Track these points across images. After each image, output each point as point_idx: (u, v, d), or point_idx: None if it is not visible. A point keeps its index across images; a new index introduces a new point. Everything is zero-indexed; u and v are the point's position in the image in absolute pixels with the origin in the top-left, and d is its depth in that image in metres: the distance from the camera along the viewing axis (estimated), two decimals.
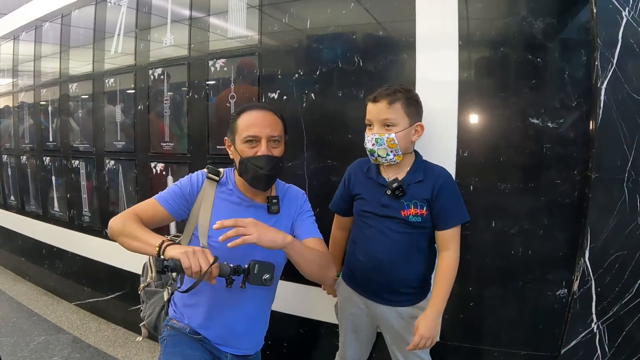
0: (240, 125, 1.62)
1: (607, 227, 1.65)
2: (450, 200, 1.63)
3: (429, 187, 1.62)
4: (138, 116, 2.96)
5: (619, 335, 1.70)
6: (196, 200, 1.67)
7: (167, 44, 2.76)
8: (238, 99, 2.41)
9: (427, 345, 1.57)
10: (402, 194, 1.62)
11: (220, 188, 1.70)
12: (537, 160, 1.76)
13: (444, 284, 1.61)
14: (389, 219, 1.65)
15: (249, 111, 1.65)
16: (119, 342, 3.08)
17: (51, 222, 3.90)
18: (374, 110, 1.64)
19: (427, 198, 1.62)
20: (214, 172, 1.71)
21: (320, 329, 2.26)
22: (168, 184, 2.77)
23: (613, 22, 1.60)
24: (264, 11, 2.30)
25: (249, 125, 1.61)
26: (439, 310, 1.60)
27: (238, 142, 1.62)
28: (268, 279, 1.42)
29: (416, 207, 1.62)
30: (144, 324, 1.83)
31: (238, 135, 1.62)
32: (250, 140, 1.60)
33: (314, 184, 2.17)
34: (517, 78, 1.80)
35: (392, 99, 1.60)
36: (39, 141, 3.96)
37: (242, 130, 1.61)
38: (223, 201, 1.68)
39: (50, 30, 3.73)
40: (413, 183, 1.64)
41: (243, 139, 1.60)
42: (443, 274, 1.62)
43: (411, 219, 1.62)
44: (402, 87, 1.65)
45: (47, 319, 3.48)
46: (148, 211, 1.64)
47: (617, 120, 1.60)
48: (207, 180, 1.69)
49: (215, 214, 1.65)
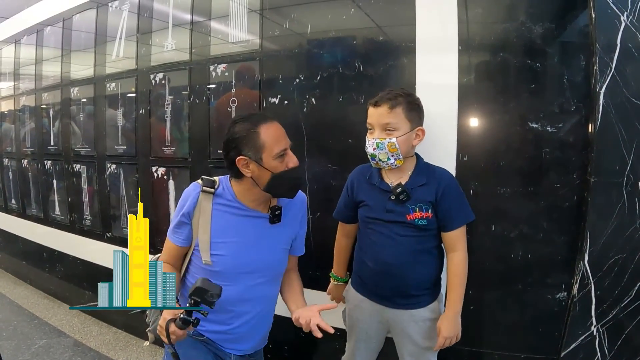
0: (268, 141, 1.54)
1: (607, 230, 1.66)
2: (455, 201, 1.65)
3: (433, 189, 1.63)
4: (139, 120, 2.97)
5: (619, 338, 1.71)
6: (194, 216, 1.64)
7: (168, 48, 2.77)
8: (239, 104, 2.42)
9: (451, 344, 1.64)
10: (406, 199, 1.63)
11: (217, 200, 1.65)
12: (536, 165, 1.77)
13: (457, 285, 1.65)
14: (396, 224, 1.65)
15: (265, 124, 1.56)
16: (120, 346, 3.08)
17: (52, 225, 3.90)
18: (375, 114, 1.64)
19: (432, 201, 1.63)
20: (208, 183, 1.66)
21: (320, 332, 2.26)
22: (169, 189, 2.78)
23: (612, 27, 1.60)
24: (265, 16, 2.31)
25: (278, 139, 1.56)
26: (457, 311, 1.65)
27: (268, 159, 1.54)
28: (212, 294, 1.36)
29: (421, 210, 1.63)
30: (149, 330, 1.83)
31: (267, 152, 1.54)
32: (282, 155, 1.56)
33: (315, 189, 2.17)
34: (516, 82, 1.80)
35: (394, 104, 1.60)
36: (40, 145, 3.97)
37: (272, 146, 1.54)
38: (222, 213, 1.65)
39: (52, 34, 3.74)
40: (417, 187, 1.65)
41: (275, 155, 1.54)
42: (455, 275, 1.65)
43: (417, 222, 1.63)
44: (403, 91, 1.66)
45: (48, 322, 3.48)
46: (170, 255, 1.72)
47: (616, 124, 1.61)
48: (203, 193, 1.64)
49: (215, 227, 1.63)
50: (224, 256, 1.62)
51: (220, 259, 1.62)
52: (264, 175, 1.56)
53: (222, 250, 1.62)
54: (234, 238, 1.64)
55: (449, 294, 1.66)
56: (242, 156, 1.55)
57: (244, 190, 1.64)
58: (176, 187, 2.77)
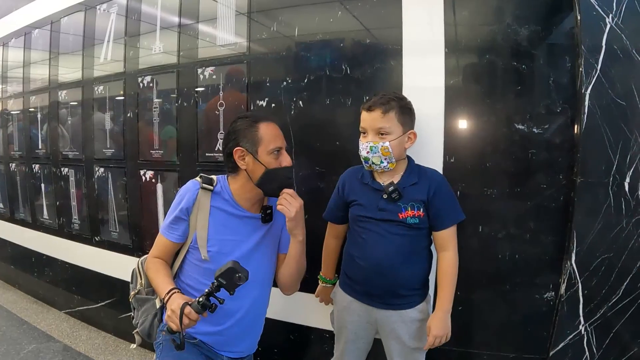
0: (266, 137, 1.65)
1: (593, 230, 1.67)
2: (446, 200, 1.67)
3: (424, 188, 1.65)
4: (127, 123, 2.95)
5: (607, 337, 1.72)
6: (192, 212, 1.70)
7: (156, 51, 2.76)
8: (227, 107, 2.42)
9: (441, 343, 1.65)
10: (398, 197, 1.64)
11: (215, 197, 1.72)
12: (523, 166, 1.78)
13: (447, 284, 1.66)
14: (388, 223, 1.67)
15: (265, 122, 1.69)
16: (110, 350, 3.06)
17: (41, 229, 3.87)
18: (369, 119, 1.66)
19: (423, 199, 1.65)
20: (207, 181, 1.73)
21: (311, 335, 2.27)
22: (157, 192, 2.77)
23: (597, 29, 1.62)
24: (253, 18, 2.31)
25: (275, 137, 1.67)
26: (447, 310, 1.66)
27: (263, 153, 1.65)
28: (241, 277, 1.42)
29: (413, 209, 1.64)
30: (137, 331, 1.82)
31: (263, 146, 1.65)
32: (276, 152, 1.65)
33: (302, 191, 2.16)
34: (502, 84, 1.82)
35: (387, 108, 1.62)
36: (28, 148, 3.94)
37: (269, 142, 1.65)
38: (219, 211, 1.71)
39: (40, 36, 3.72)
40: (408, 186, 1.67)
41: (270, 150, 1.65)
42: (445, 274, 1.67)
43: (409, 220, 1.64)
44: (396, 95, 1.68)
45: (37, 327, 3.45)
46: (161, 250, 1.76)
47: (601, 125, 1.62)
48: (202, 190, 1.70)
49: (213, 224, 1.69)
50: (219, 253, 1.67)
51: (215, 255, 1.67)
52: (257, 169, 1.66)
53: (217, 247, 1.68)
54: (229, 236, 1.70)
55: (439, 293, 1.68)
56: (240, 147, 1.66)
57: (240, 187, 1.71)
58: (165, 190, 2.75)
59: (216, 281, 1.41)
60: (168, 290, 1.60)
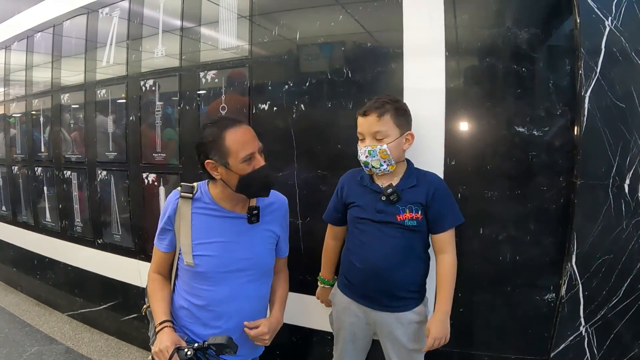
0: (233, 146, 1.58)
1: (593, 232, 1.68)
2: (445, 203, 1.68)
3: (423, 191, 1.66)
4: (130, 126, 2.96)
5: (607, 338, 1.73)
6: (175, 221, 1.71)
7: (158, 54, 2.77)
8: (229, 110, 2.42)
9: (440, 345, 1.65)
10: (397, 199, 1.65)
11: (196, 204, 1.71)
12: (523, 168, 1.78)
13: (446, 286, 1.66)
14: (386, 224, 1.67)
15: (232, 129, 1.61)
16: (112, 353, 3.07)
17: (43, 232, 3.88)
18: (365, 123, 1.67)
19: (422, 202, 1.65)
20: (186, 189, 1.73)
21: (312, 336, 2.27)
22: (160, 195, 2.78)
23: (596, 32, 1.63)
24: (255, 22, 2.32)
25: (243, 144, 1.59)
26: (446, 312, 1.66)
27: (234, 163, 1.58)
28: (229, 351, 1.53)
29: (411, 212, 1.65)
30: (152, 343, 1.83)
31: (233, 157, 1.58)
32: (249, 159, 1.59)
33: (304, 194, 2.18)
34: (502, 87, 1.82)
35: (382, 112, 1.63)
36: (31, 151, 3.95)
37: (238, 151, 1.57)
38: (201, 216, 1.71)
39: (42, 40, 3.73)
40: (407, 188, 1.67)
41: (241, 159, 1.58)
42: (444, 276, 1.67)
43: (407, 222, 1.65)
44: (390, 98, 1.69)
45: (40, 329, 3.46)
46: (157, 262, 1.79)
47: (601, 127, 1.63)
48: (181, 199, 1.71)
49: (196, 229, 1.69)
50: (208, 256, 1.67)
51: (204, 259, 1.66)
52: (232, 178, 1.62)
53: (206, 251, 1.67)
54: (216, 238, 1.69)
55: (439, 294, 1.68)
56: (210, 160, 1.62)
57: (219, 192, 1.71)
58: (167, 193, 2.76)
59: (204, 343, 1.52)
60: (160, 321, 1.64)
